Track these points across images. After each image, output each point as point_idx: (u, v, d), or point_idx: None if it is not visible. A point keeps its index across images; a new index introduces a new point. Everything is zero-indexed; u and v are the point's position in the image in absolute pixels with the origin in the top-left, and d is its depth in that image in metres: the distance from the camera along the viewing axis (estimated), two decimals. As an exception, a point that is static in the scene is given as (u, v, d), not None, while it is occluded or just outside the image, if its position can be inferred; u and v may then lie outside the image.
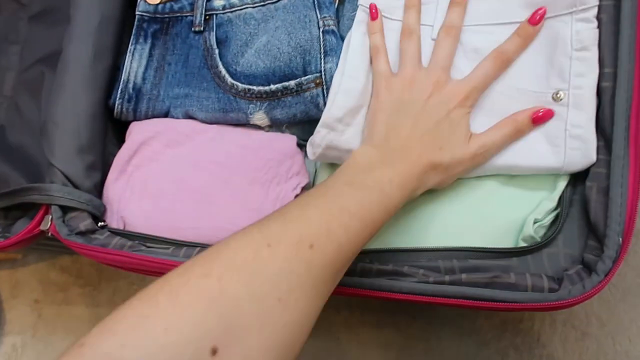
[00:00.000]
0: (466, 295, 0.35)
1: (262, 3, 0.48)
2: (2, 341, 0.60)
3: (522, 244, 0.39)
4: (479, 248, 0.39)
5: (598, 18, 0.38)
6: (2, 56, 0.59)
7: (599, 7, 0.38)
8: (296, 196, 0.44)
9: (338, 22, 0.46)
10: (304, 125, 0.47)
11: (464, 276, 0.36)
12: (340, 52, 0.44)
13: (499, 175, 0.41)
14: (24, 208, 0.48)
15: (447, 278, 0.36)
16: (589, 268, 0.35)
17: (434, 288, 0.36)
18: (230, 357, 0.25)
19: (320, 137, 0.42)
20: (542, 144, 0.38)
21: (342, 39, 0.45)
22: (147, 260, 0.41)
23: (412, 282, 0.36)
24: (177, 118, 0.49)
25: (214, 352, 0.25)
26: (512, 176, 0.41)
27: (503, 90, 0.39)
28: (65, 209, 0.44)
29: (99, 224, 0.45)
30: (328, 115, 0.41)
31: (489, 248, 0.38)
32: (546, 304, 0.34)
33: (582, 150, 0.37)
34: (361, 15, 0.43)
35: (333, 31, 0.45)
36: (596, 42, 0.38)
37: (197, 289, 0.26)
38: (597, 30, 0.38)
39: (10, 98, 0.57)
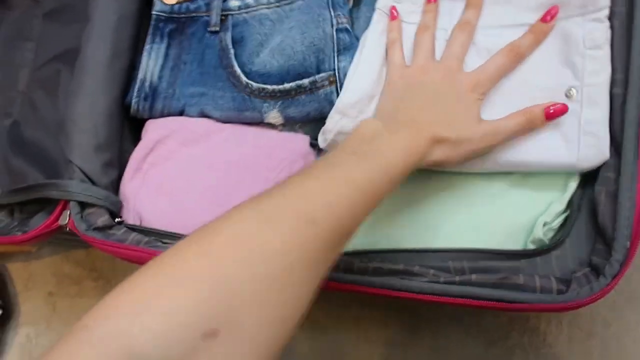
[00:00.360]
0: (476, 295, 0.36)
1: (277, 4, 0.48)
2: (16, 332, 0.62)
3: (531, 246, 0.40)
4: (489, 249, 0.39)
5: (610, 23, 0.38)
6: (17, 53, 0.60)
7: (611, 12, 0.38)
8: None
9: (353, 24, 0.47)
10: (316, 124, 0.48)
11: (473, 277, 0.37)
12: (354, 50, 0.45)
13: (510, 176, 0.42)
14: (40, 202, 0.49)
15: (457, 278, 0.37)
16: (596, 271, 0.36)
17: (444, 288, 0.37)
18: (231, 336, 0.25)
19: (332, 122, 0.43)
20: (556, 140, 0.39)
21: (357, 39, 0.46)
22: (163, 256, 0.42)
23: (423, 282, 0.37)
24: (192, 116, 0.49)
25: (216, 333, 0.24)
26: (522, 177, 0.41)
27: (516, 86, 0.40)
28: (83, 205, 0.45)
29: (116, 220, 0.46)
30: (341, 101, 0.43)
31: (499, 250, 0.39)
32: (554, 305, 0.35)
33: (596, 146, 0.38)
34: (378, 17, 0.44)
35: (347, 29, 0.46)
36: (608, 41, 0.38)
37: (198, 268, 0.26)
38: (609, 30, 0.38)
39: (25, 94, 0.58)
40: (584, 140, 0.38)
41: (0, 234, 0.49)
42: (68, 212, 0.45)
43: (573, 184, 0.40)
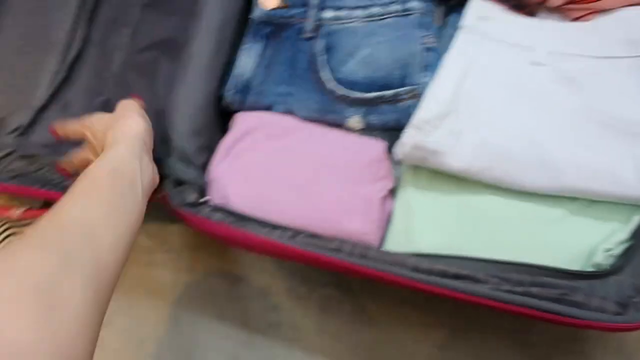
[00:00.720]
0: (537, 306, 0.39)
1: (370, 19, 0.52)
2: (90, 292, 0.68)
3: (590, 269, 0.42)
4: (550, 267, 0.42)
5: None
6: (114, 36, 0.66)
7: None
8: (382, 198, 0.49)
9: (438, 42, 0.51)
10: (393, 133, 0.52)
11: (534, 289, 0.40)
12: (438, 68, 0.49)
13: (575, 201, 0.44)
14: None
15: (519, 289, 0.40)
16: (654, 299, 0.38)
17: (507, 296, 0.39)
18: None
19: (408, 136, 0.46)
20: (629, 172, 0.41)
21: (441, 57, 0.49)
22: (246, 236, 0.46)
23: (487, 288, 0.40)
24: (279, 113, 0.54)
25: None
26: (589, 204, 0.44)
27: (598, 118, 0.43)
28: (176, 182, 0.50)
29: (203, 199, 0.51)
30: (418, 117, 0.46)
31: (560, 268, 0.42)
32: (612, 324, 0.37)
33: None
34: (462, 35, 0.48)
35: (434, 49, 0.49)
36: None
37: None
38: None
39: (118, 76, 0.64)
40: None
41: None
42: (162, 188, 0.51)
43: (638, 216, 0.42)
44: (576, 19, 0.47)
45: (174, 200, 0.48)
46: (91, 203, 0.35)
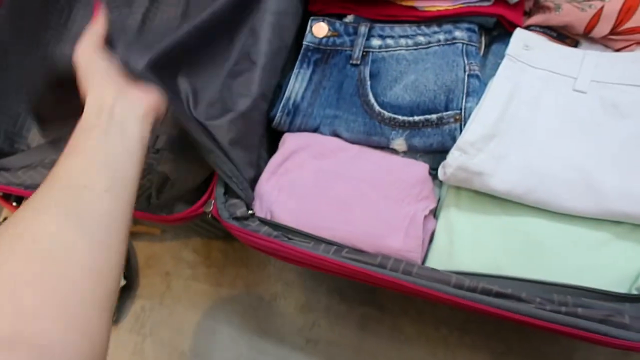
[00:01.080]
0: (582, 326, 0.39)
1: (415, 48, 0.55)
2: (134, 302, 0.70)
3: (635, 293, 0.42)
4: (593, 289, 0.42)
5: None
6: None
7: None
8: (425, 217, 0.50)
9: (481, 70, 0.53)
10: (435, 155, 0.53)
11: (579, 310, 0.40)
12: (481, 94, 0.50)
13: (620, 225, 0.45)
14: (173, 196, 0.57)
15: (563, 309, 0.40)
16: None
17: (552, 316, 0.40)
18: None
19: (453, 158, 0.48)
20: None
21: (485, 84, 0.51)
22: (290, 249, 0.48)
23: (531, 307, 0.41)
24: (325, 134, 0.56)
25: None
26: (633, 227, 0.44)
27: (637, 143, 0.43)
28: (226, 196, 0.53)
29: (249, 212, 0.53)
30: (463, 139, 0.48)
31: (605, 290, 0.42)
32: (659, 347, 0.37)
33: None
34: (506, 62, 0.50)
35: (477, 75, 0.51)
36: None
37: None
38: None
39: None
40: None
41: (148, 212, 0.58)
42: (212, 201, 0.53)
43: (682, 242, 0.42)
44: (619, 49, 0.48)
45: (222, 214, 0.51)
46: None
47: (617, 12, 0.47)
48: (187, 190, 0.57)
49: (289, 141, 0.57)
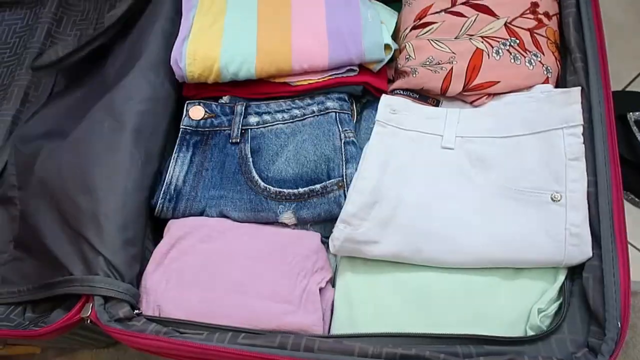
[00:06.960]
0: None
1: (292, 120, 0.56)
2: None
3: (530, 332, 0.43)
4: (492, 336, 0.42)
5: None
6: None
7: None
8: (320, 289, 0.48)
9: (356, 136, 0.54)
10: (326, 224, 0.53)
11: (481, 359, 0.39)
12: (359, 159, 0.52)
13: (504, 269, 0.46)
14: (53, 300, 0.50)
15: (466, 361, 0.39)
16: (594, 351, 0.39)
17: (457, 370, 0.39)
18: None
19: (338, 231, 0.47)
20: (544, 239, 0.44)
21: (360, 149, 0.53)
22: (181, 345, 0.44)
23: (436, 365, 0.39)
24: (212, 216, 0.54)
25: None
26: (517, 270, 0.46)
27: (509, 193, 0.46)
28: (106, 298, 0.48)
29: (135, 311, 0.48)
30: (344, 212, 0.48)
31: (503, 337, 0.42)
32: (560, 383, 0.37)
33: (580, 246, 0.43)
34: (377, 128, 0.52)
35: (353, 142, 0.53)
36: (583, 155, 0.46)
37: None
38: (583, 145, 0.46)
39: None
40: (570, 240, 0.44)
41: (17, 329, 0.50)
42: (90, 305, 0.48)
43: (561, 276, 0.45)
44: (473, 102, 0.52)
45: (101, 318, 0.46)
46: None
47: (464, 70, 0.51)
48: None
49: (174, 228, 0.54)
